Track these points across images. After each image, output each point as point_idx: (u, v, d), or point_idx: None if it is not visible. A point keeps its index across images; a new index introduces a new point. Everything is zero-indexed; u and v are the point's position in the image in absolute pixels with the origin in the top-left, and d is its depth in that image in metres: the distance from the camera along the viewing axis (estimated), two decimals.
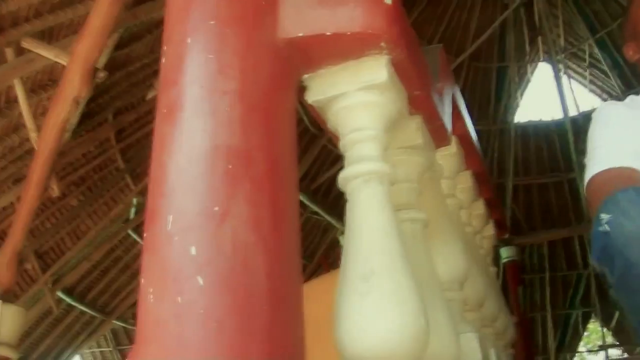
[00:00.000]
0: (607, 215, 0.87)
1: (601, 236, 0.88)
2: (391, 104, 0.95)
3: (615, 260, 0.86)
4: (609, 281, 0.89)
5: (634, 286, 0.84)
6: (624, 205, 0.86)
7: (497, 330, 1.76)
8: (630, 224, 0.84)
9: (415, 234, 1.08)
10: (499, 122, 7.63)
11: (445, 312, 1.03)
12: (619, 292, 0.88)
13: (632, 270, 0.84)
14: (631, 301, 0.86)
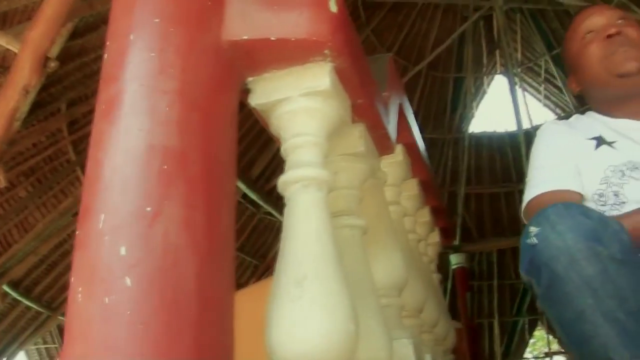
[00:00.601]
0: (536, 229, 0.90)
1: (529, 248, 0.91)
2: (333, 111, 0.96)
3: (542, 272, 0.89)
4: (536, 292, 0.92)
5: (558, 298, 0.88)
6: (552, 220, 0.89)
7: (437, 336, 1.78)
8: (557, 238, 0.87)
9: (353, 240, 1.09)
10: (454, 132, 7.75)
11: (379, 318, 1.04)
12: (544, 303, 0.92)
13: (557, 283, 0.87)
14: (555, 312, 0.90)
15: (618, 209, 1.18)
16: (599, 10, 1.38)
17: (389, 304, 1.24)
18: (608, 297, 0.84)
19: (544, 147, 1.33)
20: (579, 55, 1.36)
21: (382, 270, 1.25)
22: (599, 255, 0.85)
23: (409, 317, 1.44)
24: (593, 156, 1.26)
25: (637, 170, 1.19)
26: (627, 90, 1.29)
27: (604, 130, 1.31)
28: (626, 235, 0.90)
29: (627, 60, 1.25)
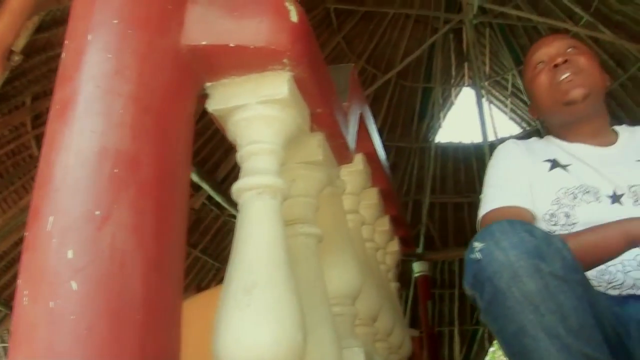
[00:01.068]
0: (480, 244, 0.92)
1: (473, 263, 0.93)
2: (291, 120, 0.97)
3: (485, 287, 0.91)
4: (479, 306, 0.94)
5: (500, 312, 0.90)
6: (496, 236, 0.91)
7: (392, 344, 1.80)
8: (500, 254, 0.89)
9: (308, 248, 1.10)
10: (421, 141, 7.82)
11: (330, 327, 1.04)
12: (487, 317, 0.94)
13: (499, 297, 0.89)
14: (498, 326, 0.92)
15: (568, 230, 1.21)
16: (549, 41, 1.43)
17: (342, 312, 1.25)
18: (549, 312, 0.86)
19: (500, 165, 1.37)
20: (531, 84, 1.41)
21: (336, 279, 1.25)
22: (541, 271, 0.88)
23: (363, 325, 1.45)
24: (546, 178, 1.29)
25: (588, 193, 1.23)
26: (575, 116, 1.33)
27: (560, 154, 1.35)
28: (569, 253, 0.92)
29: (572, 88, 1.30)
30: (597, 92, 1.33)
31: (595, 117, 1.35)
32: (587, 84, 1.31)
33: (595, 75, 1.34)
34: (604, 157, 1.32)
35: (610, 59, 7.22)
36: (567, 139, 1.38)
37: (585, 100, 1.30)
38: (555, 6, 7.17)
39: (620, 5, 6.75)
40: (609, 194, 1.23)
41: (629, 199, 1.22)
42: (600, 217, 1.19)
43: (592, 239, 1.08)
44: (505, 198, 1.26)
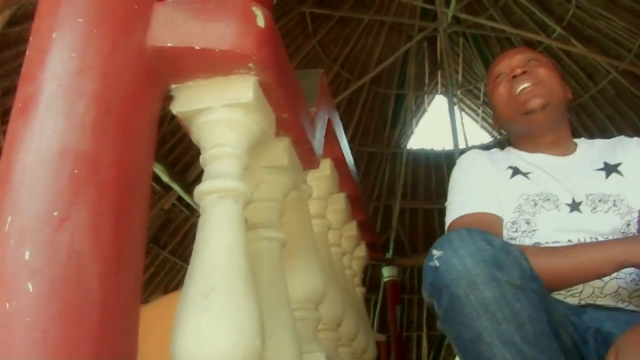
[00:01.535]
0: (439, 252, 0.94)
1: (432, 271, 0.94)
2: (255, 124, 0.97)
3: (443, 294, 0.92)
4: (437, 313, 0.96)
5: (457, 319, 0.91)
6: (455, 244, 0.93)
7: (356, 349, 1.81)
8: (458, 262, 0.91)
9: (271, 253, 1.10)
10: (393, 147, 7.88)
11: (291, 332, 1.05)
12: (444, 324, 0.95)
13: (456, 305, 0.90)
14: (454, 333, 0.93)
15: (529, 237, 1.24)
16: (511, 54, 1.46)
17: (305, 317, 1.26)
18: (505, 321, 0.88)
19: (465, 172, 1.39)
20: (492, 95, 1.44)
21: (300, 284, 1.26)
22: (497, 280, 0.89)
23: (326, 330, 1.46)
24: (508, 185, 1.32)
25: (548, 201, 1.26)
26: (534, 126, 1.36)
27: (520, 163, 1.38)
28: (526, 262, 0.94)
29: (531, 98, 1.32)
30: (556, 103, 1.35)
31: (554, 128, 1.38)
32: (546, 94, 1.33)
33: (555, 87, 1.36)
34: (563, 166, 1.35)
35: (581, 72, 7.37)
36: (527, 149, 1.41)
37: (543, 109, 1.32)
38: (529, 18, 7.29)
39: (592, 19, 6.89)
40: (568, 202, 1.26)
41: (587, 207, 1.25)
42: (560, 225, 1.22)
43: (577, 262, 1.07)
44: (474, 204, 1.28)
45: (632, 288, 1.18)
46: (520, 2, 7.19)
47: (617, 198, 1.26)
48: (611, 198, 1.26)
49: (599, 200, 1.26)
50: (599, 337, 1.07)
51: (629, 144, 1.39)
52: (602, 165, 1.34)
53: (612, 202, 1.25)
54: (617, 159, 1.35)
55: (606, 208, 1.25)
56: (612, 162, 1.34)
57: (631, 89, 6.98)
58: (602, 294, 1.17)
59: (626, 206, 1.25)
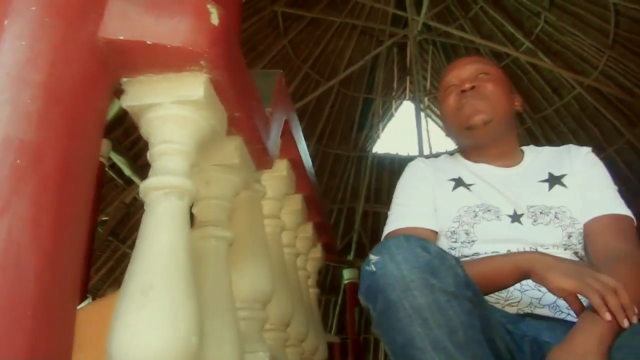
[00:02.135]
0: (376, 257, 0.95)
1: (368, 275, 0.95)
2: (205, 122, 0.96)
3: (378, 298, 0.94)
4: (372, 317, 0.97)
5: (391, 324, 0.92)
6: (392, 250, 0.94)
7: (305, 350, 1.81)
8: (393, 267, 0.92)
9: (218, 251, 1.09)
10: (358, 150, 7.92)
11: (234, 331, 1.04)
12: (378, 328, 0.96)
13: (390, 309, 0.92)
14: (388, 337, 0.94)
15: (468, 247, 1.26)
16: (463, 64, 1.47)
17: (251, 316, 1.25)
18: (437, 326, 0.89)
19: (408, 184, 1.41)
20: (442, 105, 1.46)
21: (247, 283, 1.26)
22: (431, 286, 0.91)
23: (274, 330, 1.45)
24: (450, 197, 1.34)
25: (489, 212, 1.28)
26: (477, 140, 1.39)
27: (465, 173, 1.40)
28: (462, 270, 0.96)
29: (474, 114, 1.34)
30: (500, 118, 1.37)
31: (499, 141, 1.40)
32: (489, 110, 1.35)
33: (501, 102, 1.38)
34: (507, 177, 1.37)
35: (547, 86, 7.53)
36: (473, 159, 1.43)
37: (486, 126, 1.34)
38: (498, 30, 7.41)
39: (560, 35, 7.04)
40: (509, 214, 1.29)
41: (528, 219, 1.28)
42: (500, 236, 1.25)
43: (486, 269, 1.12)
44: (410, 218, 1.31)
45: None
46: (491, 14, 7.30)
47: (559, 210, 1.29)
48: (553, 210, 1.29)
49: (540, 212, 1.29)
50: (535, 346, 1.10)
51: (576, 154, 1.41)
52: (547, 176, 1.37)
53: (554, 215, 1.28)
54: (562, 170, 1.38)
55: (547, 220, 1.27)
56: (556, 174, 1.37)
57: (595, 105, 7.16)
58: (540, 304, 1.20)
59: (568, 218, 1.27)
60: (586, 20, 6.71)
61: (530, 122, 7.68)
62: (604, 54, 6.75)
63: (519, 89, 7.60)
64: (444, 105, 1.43)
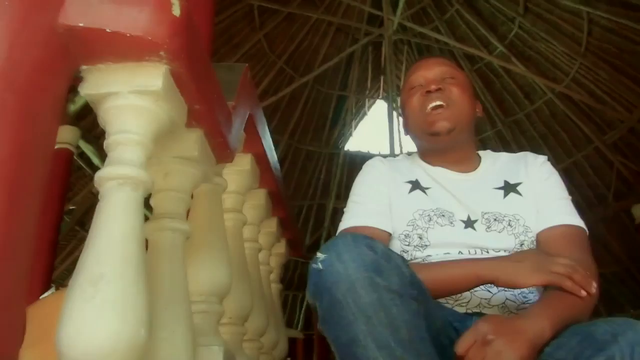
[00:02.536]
0: (323, 255, 0.96)
1: (315, 273, 0.96)
2: (163, 113, 0.96)
3: (324, 296, 0.95)
4: (318, 314, 0.98)
5: (336, 321, 0.93)
6: (339, 248, 0.95)
7: (264, 345, 1.81)
8: (340, 266, 0.93)
9: (174, 244, 1.09)
10: (331, 147, 7.94)
11: (187, 324, 1.04)
12: (324, 325, 0.97)
13: (336, 307, 0.92)
14: (333, 334, 0.95)
15: (421, 250, 1.27)
16: (429, 65, 1.46)
17: (207, 310, 1.25)
18: (381, 324, 0.90)
19: (365, 182, 1.41)
20: (405, 104, 1.45)
21: (205, 276, 1.25)
22: (376, 285, 0.92)
23: (232, 324, 1.45)
24: (405, 199, 1.35)
25: (443, 217, 1.29)
26: (438, 146, 1.39)
27: (422, 176, 1.40)
28: (407, 270, 0.97)
29: (438, 121, 1.34)
30: (463, 125, 1.37)
31: (459, 147, 1.41)
32: (453, 117, 1.35)
33: (465, 108, 1.39)
34: (463, 183, 1.38)
35: (519, 90, 7.62)
36: (431, 163, 1.44)
37: (449, 133, 1.35)
38: (473, 34, 7.48)
39: (534, 41, 7.14)
40: (463, 219, 1.30)
41: (481, 224, 1.29)
42: (453, 240, 1.26)
43: (444, 276, 1.15)
44: (365, 217, 1.31)
45: (520, 301, 1.23)
46: (466, 18, 7.37)
47: (512, 218, 1.30)
48: (507, 218, 1.30)
49: (494, 219, 1.30)
50: None
51: (533, 163, 1.42)
52: (502, 184, 1.38)
53: (507, 222, 1.29)
54: (518, 177, 1.39)
55: (500, 227, 1.29)
56: (512, 181, 1.38)
57: (566, 111, 7.27)
58: (489, 304, 1.22)
59: (522, 226, 1.29)
60: (560, 27, 6.82)
61: (501, 125, 7.78)
62: (576, 62, 6.86)
63: (491, 92, 7.72)
64: (408, 104, 1.43)
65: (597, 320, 0.96)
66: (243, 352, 1.50)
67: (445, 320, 1.13)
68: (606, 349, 0.87)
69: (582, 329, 0.96)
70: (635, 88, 6.52)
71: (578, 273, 1.05)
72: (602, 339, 0.89)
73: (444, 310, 1.19)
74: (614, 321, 0.92)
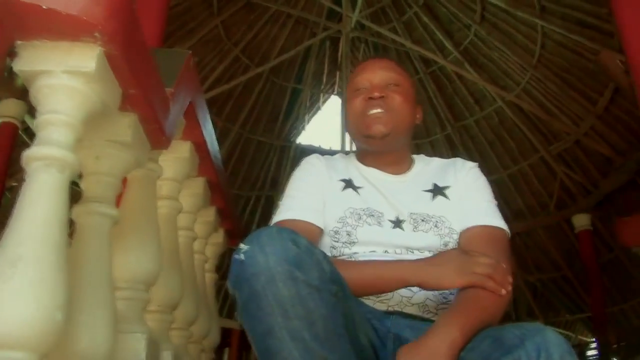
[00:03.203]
0: (246, 247, 0.97)
1: (237, 264, 0.97)
2: (95, 96, 0.94)
3: (243, 287, 0.96)
4: (238, 305, 0.98)
5: (253, 313, 0.94)
6: (263, 241, 0.96)
7: (194, 334, 1.80)
8: (262, 258, 0.94)
9: (100, 228, 1.07)
10: (282, 140, 7.92)
11: (109, 310, 1.03)
12: (242, 316, 0.98)
13: (254, 299, 0.94)
14: (250, 325, 0.96)
15: (349, 247, 1.30)
16: (375, 68, 1.47)
17: (133, 297, 1.24)
18: (297, 317, 0.92)
19: (302, 178, 1.43)
20: (348, 104, 1.47)
21: (132, 263, 1.24)
22: (295, 279, 0.93)
23: (159, 312, 1.44)
24: (338, 196, 1.37)
25: (372, 216, 1.32)
26: (372, 148, 1.43)
27: (356, 175, 1.43)
28: (328, 266, 0.99)
29: (376, 124, 1.37)
30: (399, 131, 1.40)
31: (393, 150, 1.44)
32: (391, 124, 1.38)
33: (404, 116, 1.41)
34: (394, 184, 1.41)
35: (470, 96, 7.76)
36: (365, 163, 1.46)
37: (383, 138, 1.37)
38: (429, 37, 7.58)
39: (488, 50, 7.27)
40: (391, 219, 1.33)
41: (409, 225, 1.33)
42: (379, 240, 1.29)
43: (370, 274, 1.19)
44: (298, 211, 1.33)
45: (440, 301, 1.27)
46: (424, 21, 7.46)
47: (439, 219, 1.34)
48: (433, 219, 1.34)
49: (422, 220, 1.34)
50: (398, 342, 1.15)
51: (462, 168, 1.46)
52: (431, 186, 1.42)
53: (434, 223, 1.33)
54: (447, 181, 1.43)
55: (427, 228, 1.33)
56: (441, 185, 1.42)
57: (514, 120, 7.44)
58: (410, 303, 1.25)
59: (447, 228, 1.33)
60: (514, 38, 6.97)
61: (450, 129, 7.91)
62: (527, 72, 7.03)
63: (443, 96, 7.84)
64: (350, 105, 1.44)
65: (508, 325, 1.00)
66: (169, 340, 1.50)
67: (364, 317, 1.15)
68: (513, 352, 0.91)
69: (493, 332, 1.00)
70: (583, 102, 6.73)
71: (498, 272, 1.11)
72: (511, 343, 0.93)
73: (364, 307, 1.21)
74: (524, 326, 0.96)
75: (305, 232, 1.22)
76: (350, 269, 1.15)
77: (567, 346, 0.91)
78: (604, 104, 6.54)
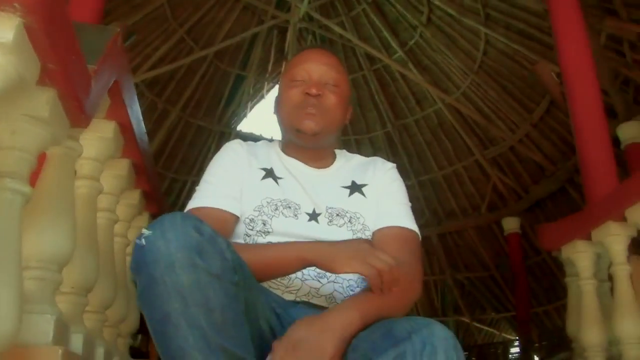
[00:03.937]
0: (148, 232, 0.96)
1: (138, 249, 0.96)
2: (12, 68, 0.91)
3: (143, 272, 0.95)
4: (137, 290, 0.98)
5: (151, 299, 0.94)
6: (165, 227, 0.95)
7: (109, 318, 1.76)
8: (163, 244, 0.94)
9: (11, 205, 1.04)
10: (222, 125, 7.84)
11: (14, 289, 1.00)
12: (140, 301, 0.98)
13: (153, 285, 0.93)
14: (148, 311, 0.96)
15: (263, 236, 1.30)
16: (317, 61, 1.46)
17: (44, 277, 1.21)
18: (195, 305, 0.92)
19: (221, 164, 1.42)
20: (283, 90, 1.46)
21: (45, 242, 1.21)
22: (196, 266, 0.93)
23: (73, 294, 1.41)
24: (257, 185, 1.37)
25: (289, 208, 1.33)
26: (301, 143, 1.44)
27: (278, 165, 1.44)
28: (231, 255, 1.00)
29: (308, 120, 1.38)
30: (329, 130, 1.43)
31: (318, 147, 1.46)
32: (323, 124, 1.39)
33: (336, 116, 1.43)
34: (314, 177, 1.43)
35: (411, 96, 7.90)
36: (288, 153, 1.47)
37: (314, 135, 1.39)
38: (376, 35, 7.65)
39: (432, 52, 7.41)
40: (308, 212, 1.34)
41: (325, 218, 1.35)
42: (294, 231, 1.30)
43: (270, 255, 1.20)
44: (214, 198, 1.32)
45: (347, 293, 1.30)
46: (371, 18, 7.52)
47: (353, 215, 1.37)
48: (348, 215, 1.37)
49: (337, 214, 1.36)
50: None
51: (381, 168, 1.49)
52: (350, 183, 1.45)
53: (348, 219, 1.36)
54: (365, 179, 1.46)
55: (341, 223, 1.35)
56: (359, 182, 1.45)
57: (452, 122, 7.62)
58: (318, 294, 1.27)
59: (361, 224, 1.36)
60: (458, 43, 7.12)
61: (390, 127, 8.03)
62: (468, 77, 7.21)
63: (386, 94, 7.94)
64: (286, 94, 1.43)
65: (402, 318, 1.02)
66: (82, 322, 1.46)
67: (269, 305, 1.17)
68: (400, 344, 0.93)
69: (387, 324, 1.02)
70: (520, 110, 6.96)
71: (390, 273, 1.09)
72: (400, 335, 0.95)
73: (270, 295, 1.22)
74: (415, 320, 0.99)
75: (217, 220, 1.22)
76: (251, 251, 1.16)
77: (453, 341, 0.94)
78: (539, 114, 6.80)
